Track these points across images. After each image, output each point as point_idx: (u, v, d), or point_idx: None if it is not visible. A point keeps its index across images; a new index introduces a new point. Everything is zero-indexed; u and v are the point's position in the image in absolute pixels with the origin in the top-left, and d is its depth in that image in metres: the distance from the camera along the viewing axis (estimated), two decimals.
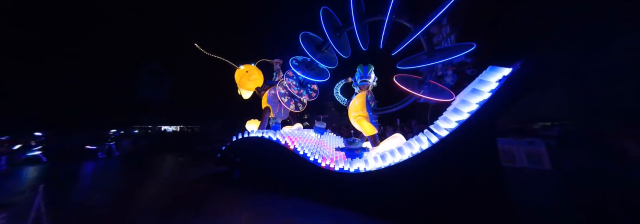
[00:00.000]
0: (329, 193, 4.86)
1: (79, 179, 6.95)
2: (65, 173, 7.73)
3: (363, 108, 6.00)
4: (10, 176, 7.42)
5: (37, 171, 8.34)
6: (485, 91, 3.55)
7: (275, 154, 5.69)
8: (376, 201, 4.23)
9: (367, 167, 4.57)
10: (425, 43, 5.00)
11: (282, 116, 6.99)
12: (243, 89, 7.27)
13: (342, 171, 4.85)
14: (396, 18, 5.09)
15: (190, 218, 4.01)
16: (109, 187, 6.01)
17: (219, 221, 3.90)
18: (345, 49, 6.00)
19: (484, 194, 3.31)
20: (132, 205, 4.74)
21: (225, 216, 4.11)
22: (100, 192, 5.56)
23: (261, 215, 4.26)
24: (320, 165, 5.13)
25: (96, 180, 7.05)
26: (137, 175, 7.46)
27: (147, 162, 10.06)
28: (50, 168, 8.76)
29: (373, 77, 6.27)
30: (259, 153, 6.06)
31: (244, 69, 7.10)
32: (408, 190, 3.89)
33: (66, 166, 8.71)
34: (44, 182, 3.92)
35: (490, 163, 3.36)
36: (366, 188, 4.39)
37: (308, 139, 6.24)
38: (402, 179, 4.00)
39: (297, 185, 5.35)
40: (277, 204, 4.81)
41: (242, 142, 6.42)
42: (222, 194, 5.43)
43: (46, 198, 2.26)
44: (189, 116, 23.20)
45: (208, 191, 5.59)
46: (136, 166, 9.25)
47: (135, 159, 10.83)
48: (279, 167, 5.68)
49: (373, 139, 5.76)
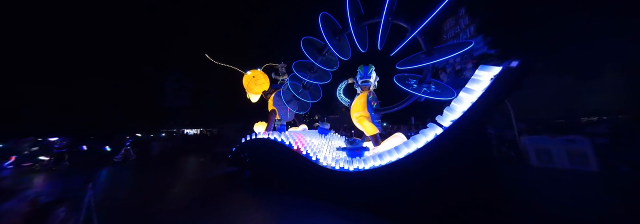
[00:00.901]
0: (331, 191, 5.01)
1: (118, 178, 7.85)
2: (108, 173, 8.69)
3: (364, 108, 6.09)
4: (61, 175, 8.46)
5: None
6: (478, 89, 3.54)
7: (280, 154, 5.96)
8: (375, 198, 4.32)
9: (365, 166, 4.68)
10: (422, 43, 5.01)
11: (287, 117, 7.28)
12: (251, 93, 7.69)
13: (343, 170, 4.99)
14: (393, 20, 5.16)
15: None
16: (144, 184, 6.78)
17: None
18: (345, 52, 6.14)
19: (478, 191, 3.29)
20: (164, 198, 5.44)
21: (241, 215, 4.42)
22: (135, 189, 6.31)
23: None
24: (322, 164, 5.31)
25: (131, 179, 7.88)
26: (166, 174, 8.18)
27: (174, 162, 10.94)
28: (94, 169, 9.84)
29: (374, 77, 6.33)
30: (265, 154, 6.37)
31: (250, 74, 7.52)
32: (405, 188, 3.94)
33: (109, 168, 9.76)
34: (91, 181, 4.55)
35: (483, 160, 3.34)
36: (365, 186, 4.50)
37: (312, 140, 6.45)
38: (398, 177, 4.06)
39: (301, 184, 5.57)
40: (289, 205, 4.99)
41: (250, 143, 6.79)
42: (234, 195, 5.81)
43: (96, 194, 2.72)
44: (208, 120, 25.05)
45: (221, 190, 6.04)
46: (165, 166, 10.13)
47: (164, 160, 11.80)
48: (284, 166, 5.94)
49: (374, 139, 5.83)
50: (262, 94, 7.70)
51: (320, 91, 7.37)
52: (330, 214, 4.36)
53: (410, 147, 4.17)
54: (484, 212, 3.14)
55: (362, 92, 6.30)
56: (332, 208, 4.61)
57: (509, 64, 3.04)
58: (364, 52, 5.71)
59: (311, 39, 6.28)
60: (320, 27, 5.47)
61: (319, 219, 4.22)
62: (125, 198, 5.49)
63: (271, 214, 4.54)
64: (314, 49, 6.15)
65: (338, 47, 5.91)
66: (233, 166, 7.39)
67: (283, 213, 4.52)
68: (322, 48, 6.17)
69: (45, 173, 8.79)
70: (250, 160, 6.76)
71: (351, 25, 5.25)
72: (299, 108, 7.27)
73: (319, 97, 7.26)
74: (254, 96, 7.81)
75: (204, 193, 5.72)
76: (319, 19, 5.55)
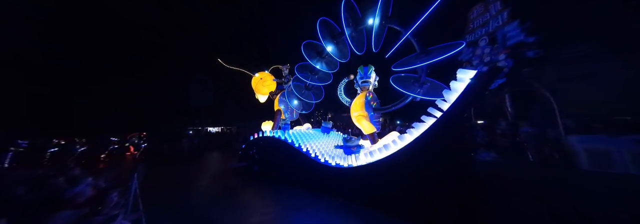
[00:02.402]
0: (328, 185, 5.37)
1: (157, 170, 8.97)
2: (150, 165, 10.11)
3: (362, 108, 6.32)
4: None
5: None
6: (458, 89, 3.67)
7: (284, 151, 6.44)
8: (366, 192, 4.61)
9: (358, 163, 4.97)
10: (416, 44, 5.14)
11: (292, 117, 7.74)
12: (259, 94, 8.29)
13: (338, 166, 5.33)
14: (387, 23, 5.35)
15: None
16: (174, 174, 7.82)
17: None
18: (345, 54, 6.42)
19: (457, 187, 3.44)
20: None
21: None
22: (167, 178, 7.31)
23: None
24: (320, 161, 5.68)
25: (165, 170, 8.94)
26: (192, 166, 9.31)
27: (201, 156, 12.55)
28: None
29: (374, 77, 6.53)
30: (271, 150, 6.90)
31: (258, 76, 8.11)
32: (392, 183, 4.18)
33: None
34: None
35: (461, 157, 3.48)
36: (357, 180, 4.80)
37: (313, 138, 6.84)
38: (386, 173, 4.31)
39: (302, 178, 5.99)
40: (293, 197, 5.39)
41: (258, 141, 7.38)
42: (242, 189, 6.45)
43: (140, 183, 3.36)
44: (229, 118, 26.90)
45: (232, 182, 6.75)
46: (195, 159, 11.54)
47: (193, 154, 13.49)
48: (288, 162, 6.41)
49: (372, 137, 6.05)
50: (269, 94, 8.25)
51: (322, 91, 7.72)
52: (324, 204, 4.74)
53: (397, 146, 4.39)
54: (457, 204, 3.31)
55: (362, 92, 6.53)
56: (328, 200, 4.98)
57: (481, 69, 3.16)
58: (360, 54, 5.96)
59: (311, 42, 6.65)
60: (319, 32, 5.81)
61: (312, 207, 4.62)
62: (161, 185, 6.43)
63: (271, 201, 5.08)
64: (314, 52, 6.51)
65: (337, 50, 6.22)
66: (244, 161, 8.05)
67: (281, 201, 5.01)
68: (322, 51, 6.51)
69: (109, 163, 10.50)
70: (258, 156, 7.34)
71: (346, 30, 5.53)
72: (303, 108, 7.70)
73: (321, 97, 7.62)
74: (262, 96, 8.40)
75: (221, 184, 6.46)
76: (317, 24, 5.90)
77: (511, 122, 10.14)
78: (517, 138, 8.90)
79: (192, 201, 5.20)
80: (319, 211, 4.46)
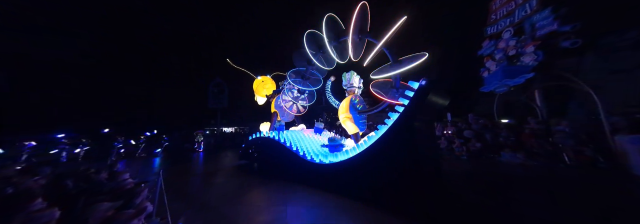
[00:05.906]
0: (313, 179, 6.11)
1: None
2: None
3: (347, 110, 7.00)
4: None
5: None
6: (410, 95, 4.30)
7: (278, 149, 7.28)
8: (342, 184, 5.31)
9: (336, 159, 5.69)
10: (389, 55, 5.75)
11: (287, 118, 8.57)
12: (258, 96, 9.21)
13: (321, 163, 6.07)
14: (363, 37, 6.01)
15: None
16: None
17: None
18: (331, 62, 7.15)
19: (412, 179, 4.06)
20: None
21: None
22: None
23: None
24: (307, 158, 6.45)
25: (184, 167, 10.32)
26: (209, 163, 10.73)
27: (216, 155, 14.45)
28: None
29: (357, 81, 7.19)
30: (267, 149, 7.79)
31: (260, 79, 9.03)
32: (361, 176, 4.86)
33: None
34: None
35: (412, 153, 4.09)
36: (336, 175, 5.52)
37: (305, 138, 7.63)
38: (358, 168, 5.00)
39: (293, 174, 6.78)
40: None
41: (256, 141, 8.30)
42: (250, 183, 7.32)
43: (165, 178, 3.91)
44: (241, 119, 28.63)
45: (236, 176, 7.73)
46: (211, 157, 13.36)
47: (209, 153, 15.84)
48: (281, 160, 7.25)
49: (355, 137, 6.71)
50: (267, 97, 9.16)
51: (314, 95, 8.51)
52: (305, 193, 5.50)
53: (366, 145, 5.06)
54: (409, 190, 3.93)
55: (348, 95, 7.22)
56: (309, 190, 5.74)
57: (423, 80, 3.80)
58: (343, 63, 6.65)
59: (302, 51, 7.44)
60: (305, 44, 6.59)
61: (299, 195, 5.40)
62: (183, 180, 7.54)
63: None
64: (304, 61, 7.30)
65: (323, 59, 6.96)
66: (244, 159, 8.99)
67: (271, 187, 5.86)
68: (310, 60, 7.28)
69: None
70: (257, 155, 8.26)
71: (329, 43, 6.25)
72: (297, 110, 8.51)
73: (313, 100, 8.40)
74: (261, 98, 9.33)
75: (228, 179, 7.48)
76: (304, 37, 6.68)
77: (543, 121, 9.34)
78: (550, 138, 8.18)
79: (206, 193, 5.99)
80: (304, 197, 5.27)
